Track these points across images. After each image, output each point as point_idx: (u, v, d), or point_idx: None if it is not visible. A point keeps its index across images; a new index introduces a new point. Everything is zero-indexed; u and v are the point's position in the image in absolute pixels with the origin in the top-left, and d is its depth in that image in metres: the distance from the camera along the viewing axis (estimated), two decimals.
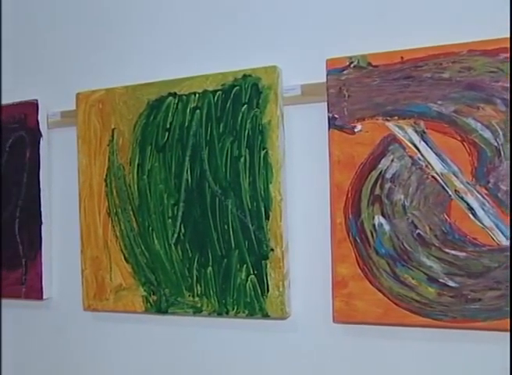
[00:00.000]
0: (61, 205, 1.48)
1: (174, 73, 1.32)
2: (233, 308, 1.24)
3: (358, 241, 1.14)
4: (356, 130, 1.15)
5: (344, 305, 1.15)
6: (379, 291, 1.12)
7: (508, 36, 1.04)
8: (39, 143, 1.46)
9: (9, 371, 1.56)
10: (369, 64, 1.14)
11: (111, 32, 1.43)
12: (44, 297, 1.46)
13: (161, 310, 1.32)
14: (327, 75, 1.17)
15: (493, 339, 1.06)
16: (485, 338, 1.07)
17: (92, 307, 1.40)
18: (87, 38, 1.46)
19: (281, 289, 1.19)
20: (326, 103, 1.17)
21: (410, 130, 1.11)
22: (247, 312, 1.23)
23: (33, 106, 1.47)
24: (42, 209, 1.46)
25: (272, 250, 1.20)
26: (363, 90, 1.14)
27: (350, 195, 1.15)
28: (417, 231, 1.10)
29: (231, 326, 1.29)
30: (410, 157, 1.11)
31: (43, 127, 1.47)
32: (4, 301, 1.54)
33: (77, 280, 1.43)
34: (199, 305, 1.27)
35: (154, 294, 1.32)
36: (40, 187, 1.46)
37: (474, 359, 1.09)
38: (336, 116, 1.16)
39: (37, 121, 1.46)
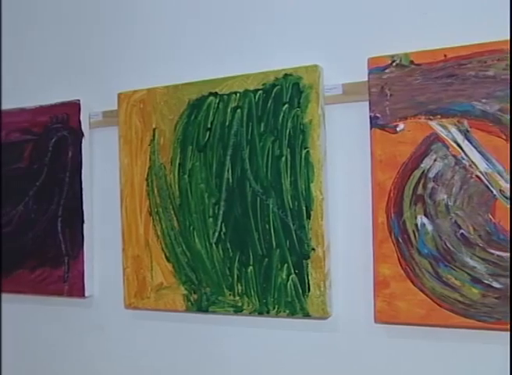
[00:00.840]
0: (102, 204, 1.56)
1: (215, 73, 1.38)
2: (274, 308, 1.30)
3: (400, 240, 1.18)
4: (398, 129, 1.19)
5: (386, 305, 1.19)
6: (422, 291, 1.16)
7: None
8: (81, 143, 1.55)
9: (52, 367, 1.66)
10: (411, 62, 1.18)
11: (153, 32, 1.51)
12: (86, 295, 1.55)
13: (201, 309, 1.38)
14: (369, 74, 1.21)
15: None
16: None
17: (133, 305, 1.47)
18: (129, 39, 1.54)
19: (322, 289, 1.25)
20: (368, 102, 1.22)
21: (453, 129, 1.14)
22: (287, 311, 1.28)
23: (75, 106, 1.56)
24: (84, 208, 1.54)
25: (314, 249, 1.25)
26: (405, 89, 1.18)
27: (392, 195, 1.19)
28: (461, 231, 1.14)
29: (271, 325, 1.35)
30: (454, 156, 1.14)
31: (85, 127, 1.55)
32: (46, 298, 1.63)
33: (118, 278, 1.51)
34: (240, 304, 1.34)
35: (194, 292, 1.39)
36: (82, 186, 1.54)
37: None
38: (377, 115, 1.20)
39: (79, 121, 1.55)
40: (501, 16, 1.13)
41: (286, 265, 1.28)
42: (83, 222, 1.54)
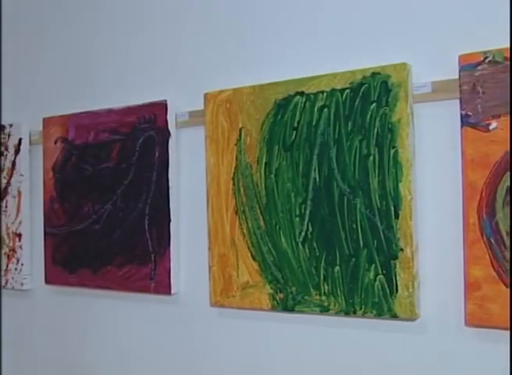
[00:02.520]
0: (189, 203, 1.71)
1: (301, 72, 1.49)
2: (361, 308, 1.40)
3: (493, 242, 1.25)
4: (490, 127, 1.26)
5: (477, 308, 1.26)
6: None
7: None
8: (168, 142, 1.70)
9: (136, 362, 1.83)
10: (505, 59, 1.24)
11: (238, 33, 1.64)
12: (172, 292, 1.70)
13: (287, 308, 1.50)
14: (460, 71, 1.29)
15: None
16: None
17: (219, 303, 1.61)
18: (215, 39, 1.68)
19: (410, 290, 1.33)
20: (458, 100, 1.29)
21: None
22: (374, 312, 1.38)
23: (162, 107, 1.71)
24: (171, 207, 1.70)
25: (402, 250, 1.34)
26: (498, 86, 1.25)
27: (483, 195, 1.26)
28: None
29: (358, 326, 1.44)
30: None
31: (172, 127, 1.71)
32: (134, 295, 1.81)
33: (204, 276, 1.66)
34: (326, 303, 1.44)
35: (280, 292, 1.51)
36: (169, 185, 1.69)
37: None
38: (469, 113, 1.28)
39: (166, 121, 1.70)
40: None
41: (373, 265, 1.38)
42: (169, 220, 1.69)
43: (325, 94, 1.44)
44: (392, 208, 1.35)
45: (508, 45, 1.24)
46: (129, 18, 1.85)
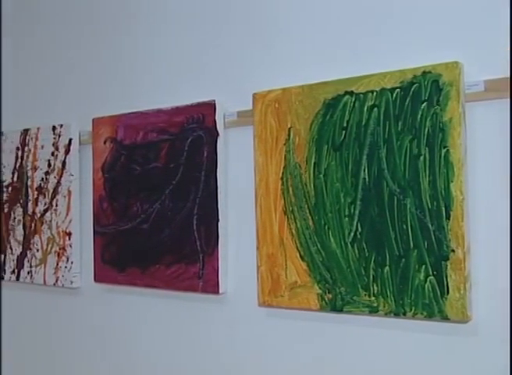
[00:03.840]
0: (237, 203, 1.76)
1: (350, 72, 1.53)
2: (411, 310, 1.42)
3: None
4: None
5: None
6: None
7: None
8: (216, 142, 1.75)
9: (182, 361, 1.89)
10: None
11: (286, 32, 1.68)
12: (220, 291, 1.75)
13: (336, 308, 1.54)
14: None
15: None
16: None
17: (267, 303, 1.66)
18: (263, 39, 1.73)
19: (462, 291, 1.35)
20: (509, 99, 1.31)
21: None
22: (425, 313, 1.40)
23: (210, 107, 1.77)
24: (219, 206, 1.75)
25: (453, 251, 1.36)
26: None
27: None
28: None
29: (407, 327, 1.47)
30: None
31: (220, 127, 1.76)
32: (181, 294, 1.87)
33: (252, 275, 1.70)
34: (375, 304, 1.47)
35: (329, 292, 1.55)
36: (218, 185, 1.75)
37: None
38: None
39: (215, 121, 1.76)
40: None
41: (423, 266, 1.40)
42: (218, 220, 1.75)
43: (374, 93, 1.47)
44: (444, 208, 1.37)
45: None
46: (178, 18, 1.92)
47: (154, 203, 1.89)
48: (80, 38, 2.22)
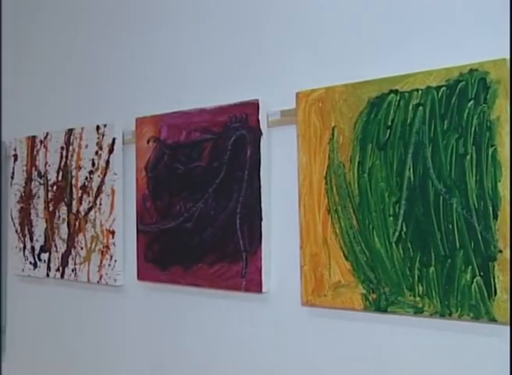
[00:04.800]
0: (280, 202, 1.79)
1: (395, 70, 1.54)
2: (457, 310, 1.42)
3: None
4: None
5: None
6: None
7: None
8: (259, 141, 1.78)
9: (224, 360, 1.93)
10: None
11: (329, 31, 1.70)
12: (263, 290, 1.78)
13: (380, 309, 1.55)
14: None
15: None
16: None
17: (310, 302, 1.68)
18: (306, 38, 1.75)
19: (510, 293, 1.36)
20: None
21: None
22: (471, 314, 1.40)
23: (254, 106, 1.80)
24: (262, 206, 1.78)
25: (501, 251, 1.36)
26: None
27: None
28: None
29: (453, 328, 1.47)
30: None
31: (263, 126, 1.79)
32: (224, 292, 1.91)
33: (295, 275, 1.73)
34: (420, 305, 1.48)
35: (373, 292, 1.56)
36: (261, 184, 1.77)
37: None
38: None
39: (258, 120, 1.79)
40: None
41: (470, 266, 1.40)
42: (261, 219, 1.78)
43: (419, 92, 1.48)
44: (491, 208, 1.37)
45: None
46: (224, 18, 1.95)
47: (198, 202, 1.92)
48: (124, 38, 2.28)
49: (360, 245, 1.57)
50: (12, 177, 2.64)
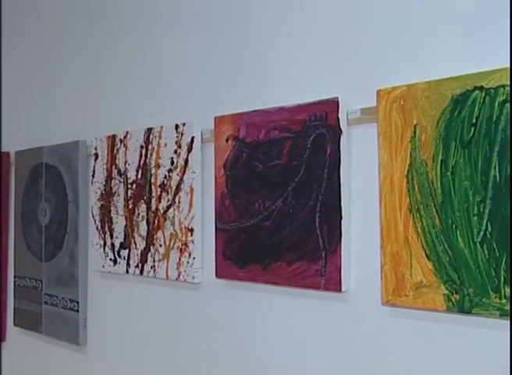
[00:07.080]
0: (360, 201, 1.82)
1: (480, 66, 1.55)
2: None
3: None
4: None
5: None
6: None
7: None
8: (339, 140, 1.82)
9: (305, 360, 1.98)
10: None
11: (409, 28, 1.71)
12: (343, 289, 1.82)
13: (463, 310, 1.56)
14: None
15: None
16: None
17: (390, 302, 1.71)
18: (386, 36, 1.77)
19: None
20: None
21: None
22: None
23: (333, 104, 1.84)
24: (342, 204, 1.81)
25: None
26: None
27: None
28: None
29: None
30: None
31: (343, 124, 1.83)
32: (302, 291, 1.96)
33: (375, 274, 1.76)
34: (506, 307, 1.48)
35: (456, 293, 1.57)
36: (341, 182, 1.81)
37: None
38: None
39: (338, 118, 1.82)
40: None
41: None
42: (341, 218, 1.81)
43: (506, 88, 1.48)
44: None
45: None
46: (304, 16, 2.00)
47: (276, 200, 1.98)
48: (204, 37, 2.35)
49: (442, 245, 1.59)
50: (93, 176, 2.76)
